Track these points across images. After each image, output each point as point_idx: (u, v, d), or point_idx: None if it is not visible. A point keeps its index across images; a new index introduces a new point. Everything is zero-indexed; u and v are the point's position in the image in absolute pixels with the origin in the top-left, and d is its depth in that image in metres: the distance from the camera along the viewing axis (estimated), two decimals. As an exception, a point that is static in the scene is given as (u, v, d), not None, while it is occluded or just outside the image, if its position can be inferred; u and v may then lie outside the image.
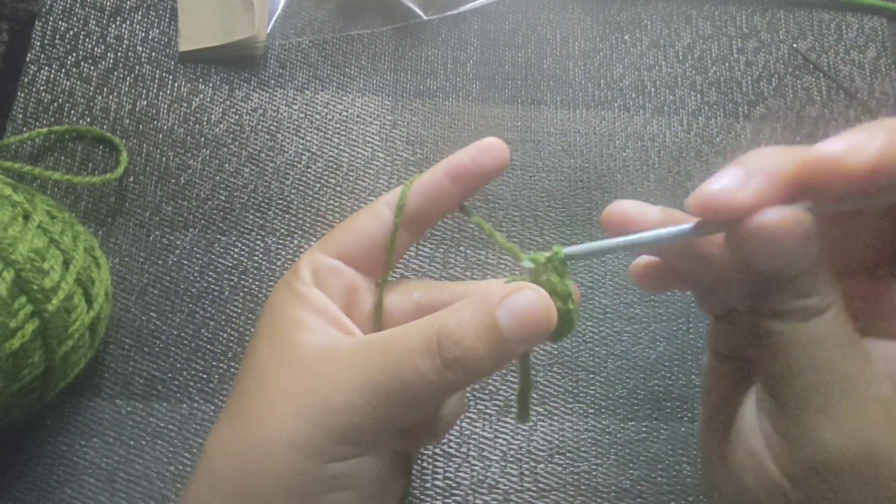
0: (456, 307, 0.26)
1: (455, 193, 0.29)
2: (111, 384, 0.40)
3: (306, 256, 0.30)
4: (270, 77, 0.48)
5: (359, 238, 0.29)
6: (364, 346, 0.26)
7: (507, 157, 0.29)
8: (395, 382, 0.25)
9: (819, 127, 0.49)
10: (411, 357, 0.25)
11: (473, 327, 0.24)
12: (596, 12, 0.52)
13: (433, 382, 0.25)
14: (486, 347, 0.24)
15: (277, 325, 0.28)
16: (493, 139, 0.29)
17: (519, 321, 0.24)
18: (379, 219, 0.29)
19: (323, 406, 0.25)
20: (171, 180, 0.45)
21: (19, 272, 0.32)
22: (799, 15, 0.52)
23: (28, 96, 0.46)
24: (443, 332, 0.25)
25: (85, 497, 0.38)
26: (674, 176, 0.47)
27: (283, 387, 0.26)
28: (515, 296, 0.25)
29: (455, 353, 0.24)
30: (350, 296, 0.29)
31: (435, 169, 0.29)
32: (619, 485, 0.40)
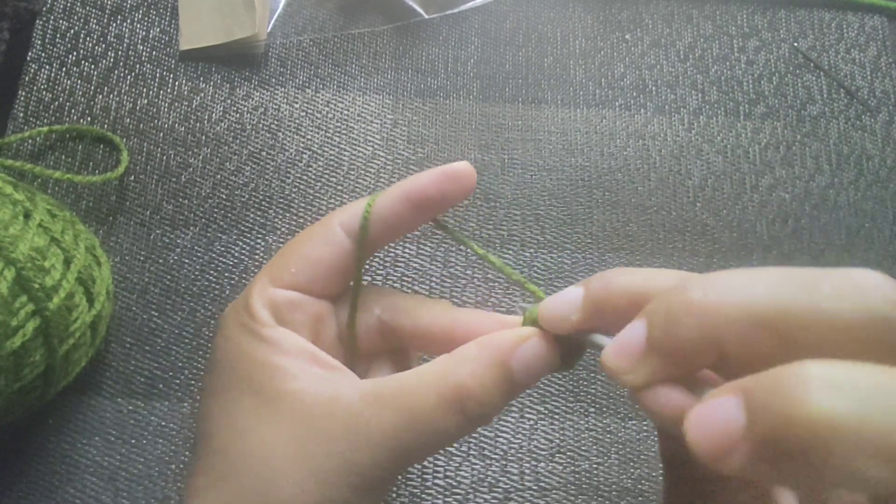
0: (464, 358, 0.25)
1: (414, 219, 0.28)
2: (112, 383, 0.40)
3: (255, 291, 0.27)
4: (271, 76, 0.48)
5: (315, 267, 0.27)
6: (373, 399, 0.25)
7: (472, 184, 0.27)
8: (417, 440, 0.25)
9: (820, 126, 0.49)
10: (433, 417, 0.25)
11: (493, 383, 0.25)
12: (597, 11, 0.52)
13: (454, 436, 0.25)
14: (504, 398, 0.25)
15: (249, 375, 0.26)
16: (461, 165, 0.27)
17: (529, 371, 0.25)
18: (333, 244, 0.27)
19: (346, 467, 0.24)
20: (172, 179, 0.45)
21: (20, 271, 0.32)
22: (800, 14, 0.52)
23: (29, 95, 0.46)
24: (464, 393, 0.25)
25: (87, 496, 0.38)
26: (675, 175, 0.47)
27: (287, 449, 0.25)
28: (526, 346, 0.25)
29: (478, 411, 0.25)
30: (315, 324, 0.28)
31: (393, 193, 0.28)
32: (621, 484, 0.40)
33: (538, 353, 0.25)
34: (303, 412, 0.25)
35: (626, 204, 0.46)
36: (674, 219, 0.46)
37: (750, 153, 0.48)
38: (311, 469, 0.24)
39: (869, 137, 0.49)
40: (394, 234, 0.28)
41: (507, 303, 0.43)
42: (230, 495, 0.25)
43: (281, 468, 0.24)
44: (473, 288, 0.44)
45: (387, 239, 0.28)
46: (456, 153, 0.47)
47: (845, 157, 0.49)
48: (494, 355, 0.25)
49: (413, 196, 0.27)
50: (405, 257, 0.44)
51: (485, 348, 0.25)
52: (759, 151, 0.49)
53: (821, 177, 0.48)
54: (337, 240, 0.28)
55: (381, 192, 0.28)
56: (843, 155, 0.49)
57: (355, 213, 0.28)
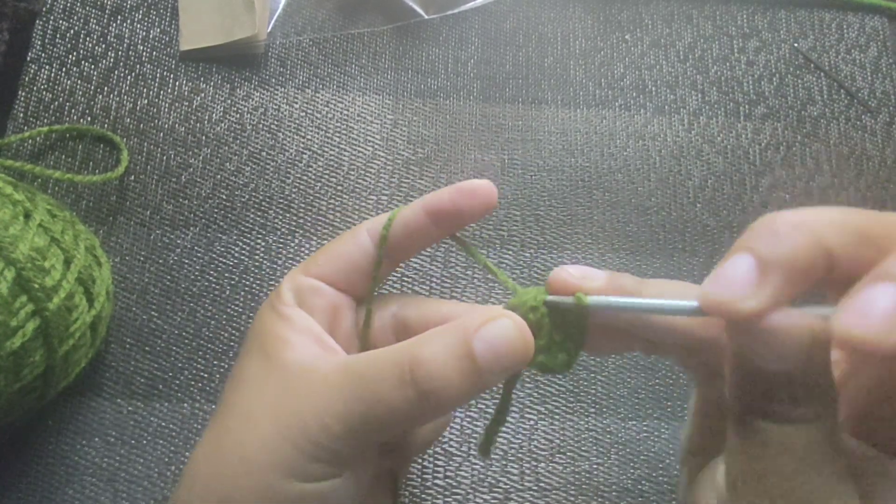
0: (430, 335, 0.25)
1: (434, 232, 0.29)
2: (112, 383, 0.40)
3: (288, 278, 0.30)
4: (271, 76, 0.48)
5: (339, 262, 0.30)
6: (341, 368, 0.26)
7: (492, 201, 0.28)
8: (367, 410, 0.25)
9: (820, 126, 0.49)
10: (383, 386, 0.24)
11: (447, 358, 0.24)
12: (597, 11, 0.52)
13: (405, 412, 0.24)
14: (461, 379, 0.24)
15: (263, 343, 0.28)
16: (481, 182, 0.28)
17: (495, 352, 0.24)
18: (359, 245, 0.30)
19: (298, 426, 0.25)
20: (172, 179, 0.45)
21: (20, 271, 0.32)
22: (800, 14, 0.52)
23: (29, 95, 0.46)
24: (416, 363, 0.24)
25: (86, 497, 0.38)
26: (675, 175, 0.47)
27: (266, 403, 0.27)
28: (491, 325, 0.24)
29: (429, 385, 0.24)
30: (333, 313, 0.30)
31: (416, 205, 0.29)
32: (621, 484, 0.40)
33: (506, 335, 0.24)
34: (287, 375, 0.27)
35: (626, 204, 0.46)
36: (674, 219, 0.46)
37: (750, 154, 0.48)
38: (276, 423, 0.26)
39: (869, 138, 0.49)
40: (416, 245, 0.30)
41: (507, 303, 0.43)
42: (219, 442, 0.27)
43: (256, 419, 0.26)
44: (473, 288, 0.44)
45: (410, 248, 0.30)
46: (456, 153, 0.47)
47: (845, 158, 0.49)
48: (457, 332, 0.25)
49: (431, 210, 0.29)
50: (405, 258, 0.44)
51: (449, 327, 0.25)
52: (760, 152, 0.49)
53: (821, 177, 0.48)
54: (361, 243, 0.30)
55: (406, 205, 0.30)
56: (843, 155, 0.49)
57: (381, 220, 0.30)
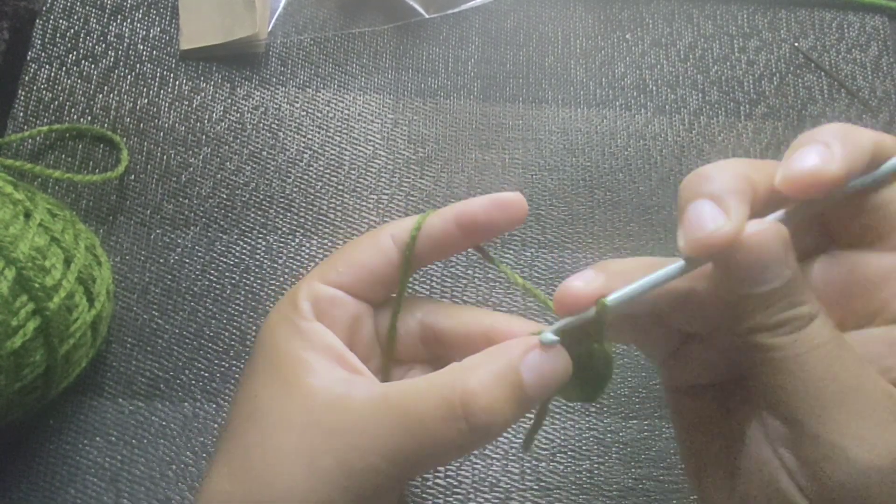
0: (474, 364, 0.25)
1: (463, 243, 0.28)
2: (113, 383, 0.40)
3: (304, 286, 0.28)
4: (272, 75, 0.48)
5: (360, 271, 0.28)
6: (380, 401, 0.25)
7: (524, 214, 0.28)
8: (418, 448, 0.24)
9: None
10: (434, 424, 0.24)
11: (500, 390, 0.24)
12: (597, 11, 0.52)
13: (456, 446, 0.24)
14: (512, 408, 0.24)
15: (279, 364, 0.27)
16: (515, 195, 0.28)
17: (542, 379, 0.24)
18: (382, 252, 0.28)
19: (341, 468, 0.24)
20: (172, 178, 0.45)
21: (20, 270, 0.32)
22: (800, 14, 0.52)
23: (29, 94, 0.46)
24: (469, 398, 0.24)
25: (88, 497, 0.38)
26: (675, 175, 0.47)
27: (293, 440, 0.25)
28: (535, 352, 0.25)
29: (484, 420, 0.24)
30: (353, 325, 0.28)
31: (445, 214, 0.28)
32: (622, 483, 0.40)
33: (550, 360, 0.24)
34: (314, 406, 0.25)
35: (627, 204, 0.46)
36: (675, 219, 0.46)
37: (751, 153, 0.48)
38: (308, 463, 0.24)
39: (870, 137, 0.49)
40: (441, 253, 0.29)
41: (508, 303, 0.43)
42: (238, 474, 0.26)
43: (283, 457, 0.25)
44: (474, 288, 0.44)
45: (433, 256, 0.29)
46: (457, 153, 0.47)
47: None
48: (503, 362, 0.24)
49: (463, 220, 0.28)
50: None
51: (493, 355, 0.25)
52: (760, 151, 0.49)
53: (822, 176, 0.48)
54: (385, 249, 0.28)
55: (434, 211, 0.29)
56: (843, 155, 0.49)
57: (406, 227, 0.28)
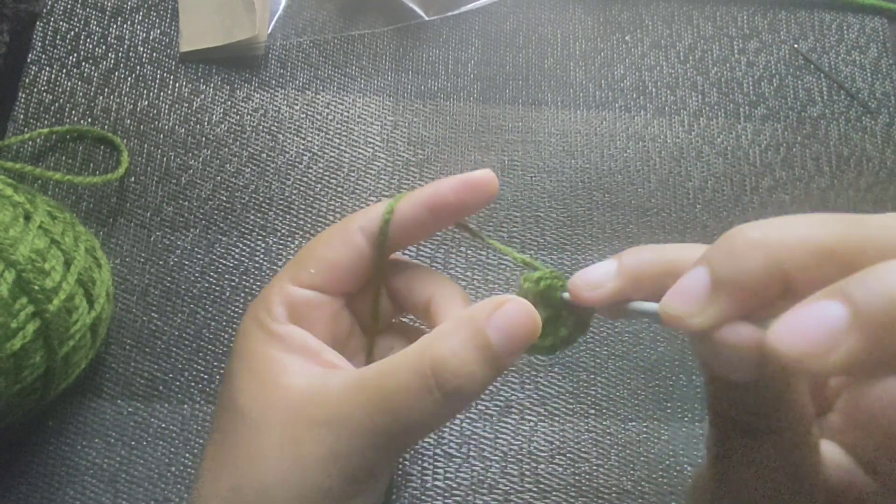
0: (441, 333, 0.25)
1: (434, 225, 0.29)
2: (112, 385, 0.40)
3: (276, 289, 0.28)
4: (271, 77, 0.48)
5: (333, 270, 0.28)
6: (355, 384, 0.25)
7: (494, 191, 0.28)
8: (396, 422, 0.24)
9: (820, 127, 0.49)
10: (408, 396, 0.24)
11: (467, 353, 0.24)
12: (597, 13, 0.52)
13: (432, 415, 0.24)
14: (483, 369, 0.24)
15: (255, 367, 0.27)
16: (483, 172, 0.28)
17: (509, 336, 0.24)
18: (352, 248, 0.28)
19: (325, 454, 0.25)
20: (172, 181, 0.45)
21: (20, 273, 0.32)
22: (800, 15, 0.52)
23: (29, 97, 0.46)
24: (438, 364, 0.24)
25: (87, 498, 0.38)
26: (675, 177, 0.47)
27: (276, 434, 0.26)
28: (500, 311, 0.25)
29: (455, 384, 0.24)
30: (331, 321, 0.29)
31: (414, 199, 0.28)
32: (621, 486, 0.40)
33: (516, 318, 0.24)
34: (292, 402, 0.26)
35: (626, 205, 0.46)
36: (674, 220, 0.46)
37: (750, 155, 0.48)
38: (296, 456, 0.25)
39: (869, 139, 0.49)
40: (413, 238, 0.29)
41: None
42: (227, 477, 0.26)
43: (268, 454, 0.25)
44: (473, 289, 0.44)
45: (406, 242, 0.29)
46: (456, 155, 0.47)
47: (845, 159, 0.49)
48: (470, 325, 0.25)
49: (432, 203, 0.28)
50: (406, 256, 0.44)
51: (460, 320, 0.25)
52: (760, 153, 0.49)
53: (821, 178, 0.48)
54: (355, 243, 0.28)
55: (402, 196, 0.29)
56: (843, 157, 0.49)
57: (374, 216, 0.28)
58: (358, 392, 0.25)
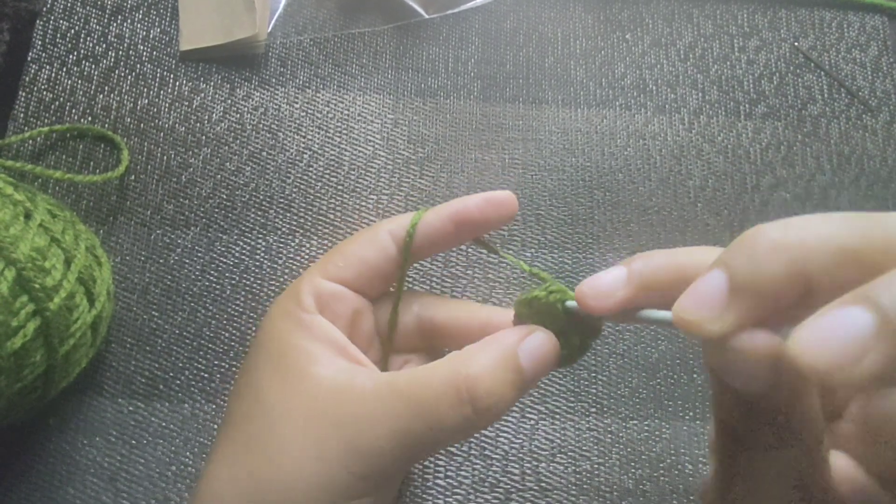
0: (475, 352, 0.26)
1: (457, 238, 0.30)
2: (113, 383, 0.40)
3: (306, 281, 0.29)
4: (271, 76, 0.48)
5: (360, 266, 0.29)
6: (386, 389, 0.26)
7: (514, 210, 0.30)
8: (425, 431, 0.25)
9: (821, 125, 0.49)
10: (441, 408, 0.25)
11: (501, 374, 0.25)
12: (597, 11, 0.52)
13: (462, 429, 0.25)
14: (513, 391, 0.26)
15: (283, 355, 0.28)
16: (506, 194, 0.30)
17: (536, 362, 0.26)
18: (379, 248, 0.30)
19: (348, 449, 0.25)
20: (173, 179, 0.45)
21: (21, 271, 0.32)
22: (800, 13, 0.52)
23: (29, 95, 0.46)
24: (472, 383, 0.25)
25: (87, 496, 0.38)
26: (675, 175, 0.47)
27: (300, 426, 0.26)
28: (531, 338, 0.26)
29: (487, 402, 0.25)
30: (353, 318, 0.30)
31: (441, 212, 0.30)
32: (622, 484, 0.40)
33: (543, 344, 0.26)
34: (318, 395, 0.26)
35: (626, 204, 0.46)
36: (675, 219, 0.46)
37: (751, 153, 0.48)
38: (316, 449, 0.25)
39: (870, 137, 0.49)
40: (436, 248, 0.30)
41: (508, 302, 0.43)
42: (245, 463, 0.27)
43: (289, 444, 0.26)
44: (474, 288, 0.44)
45: (429, 251, 0.30)
46: (456, 153, 0.47)
47: (846, 157, 0.49)
48: (502, 348, 0.26)
49: (459, 218, 0.29)
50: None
51: (491, 343, 0.26)
52: (760, 151, 0.48)
53: (822, 176, 0.48)
54: (383, 245, 0.30)
55: (430, 208, 0.30)
56: (843, 155, 0.49)
57: (403, 223, 0.30)
58: (388, 395, 0.26)
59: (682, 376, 0.42)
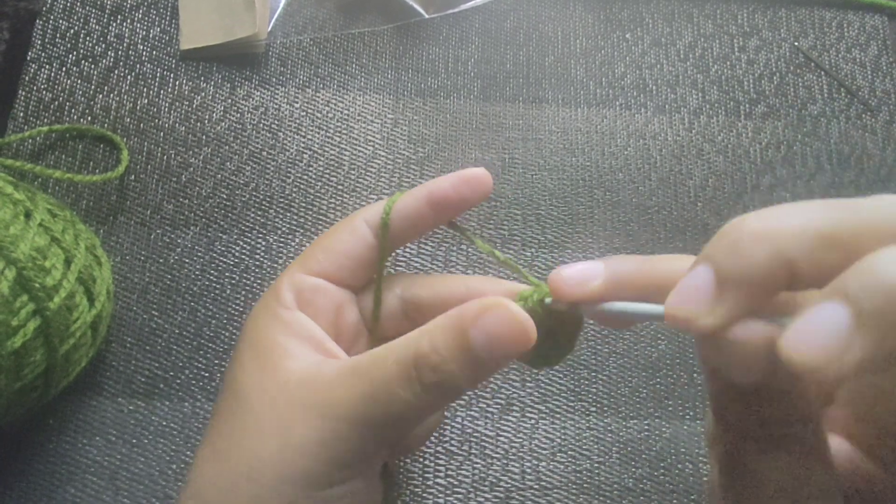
0: (429, 327, 0.25)
1: (434, 219, 0.30)
2: (113, 383, 0.40)
3: (286, 277, 0.29)
4: (272, 75, 0.48)
5: (339, 257, 0.29)
6: (346, 371, 0.26)
7: (489, 188, 0.29)
8: (379, 411, 0.25)
9: (821, 125, 0.49)
10: (391, 385, 0.24)
11: (448, 350, 0.24)
12: (597, 10, 0.52)
13: (414, 407, 0.25)
14: (462, 369, 0.24)
15: (259, 350, 0.28)
16: (478, 170, 0.29)
17: (492, 341, 0.24)
18: (357, 237, 0.29)
19: (311, 437, 0.25)
20: (173, 179, 0.45)
21: (21, 270, 0.32)
22: (800, 13, 0.52)
23: (29, 95, 0.46)
24: (419, 358, 0.24)
25: (88, 496, 0.38)
26: (675, 175, 0.47)
27: (269, 416, 0.26)
28: (489, 314, 0.24)
29: (432, 378, 0.24)
30: (336, 311, 0.29)
31: (416, 194, 0.29)
32: (622, 483, 0.40)
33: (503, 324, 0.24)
34: (291, 387, 0.26)
35: (626, 203, 0.46)
36: (675, 218, 0.46)
37: (751, 153, 0.48)
38: (283, 436, 0.25)
39: (870, 137, 0.49)
40: (414, 232, 0.30)
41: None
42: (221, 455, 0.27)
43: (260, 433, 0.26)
44: (474, 287, 0.44)
45: (408, 235, 0.30)
46: (457, 153, 0.47)
47: (846, 157, 0.49)
48: (455, 323, 0.24)
49: (434, 198, 0.29)
50: (406, 257, 0.44)
51: (449, 317, 0.25)
52: (760, 151, 0.49)
53: (822, 176, 0.48)
54: (360, 234, 0.29)
55: (405, 192, 0.30)
56: (843, 154, 0.49)
57: (379, 210, 0.29)
58: (348, 378, 0.25)
59: (682, 375, 0.42)
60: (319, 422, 0.25)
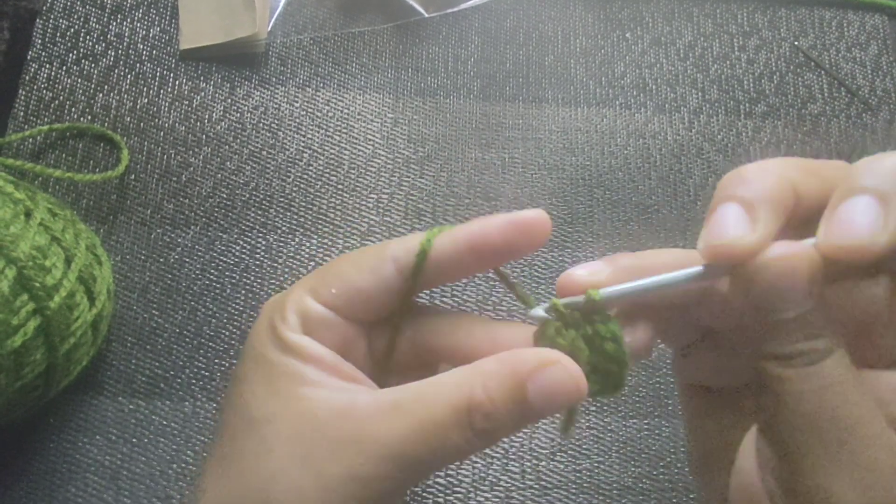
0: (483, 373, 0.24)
1: (475, 268, 0.26)
2: (114, 382, 0.40)
3: (295, 297, 0.27)
4: (271, 75, 0.48)
5: (357, 295, 0.26)
6: (387, 406, 0.24)
7: (545, 235, 0.26)
8: (426, 451, 0.24)
9: (821, 124, 0.49)
10: (443, 429, 0.24)
11: (504, 401, 0.24)
12: (597, 10, 0.52)
13: (464, 451, 0.24)
14: (513, 419, 0.24)
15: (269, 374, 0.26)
16: (535, 214, 0.25)
17: (548, 397, 0.24)
18: (381, 277, 0.26)
19: (350, 475, 0.24)
20: (173, 178, 0.45)
21: (21, 270, 0.32)
22: (800, 13, 0.52)
23: (29, 94, 0.46)
24: (473, 405, 0.24)
25: (89, 495, 0.38)
26: (675, 174, 0.47)
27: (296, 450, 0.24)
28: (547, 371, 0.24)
29: (486, 427, 0.24)
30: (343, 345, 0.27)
31: (457, 237, 0.26)
32: (622, 482, 0.40)
33: (560, 381, 0.23)
34: (314, 416, 0.25)
35: (626, 203, 0.46)
36: (675, 217, 0.46)
37: (751, 152, 0.48)
38: (314, 473, 0.24)
39: (870, 136, 0.49)
40: (448, 278, 0.27)
41: (507, 303, 0.43)
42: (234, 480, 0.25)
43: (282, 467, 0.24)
44: (474, 287, 0.44)
45: (440, 280, 0.27)
46: (456, 152, 0.47)
47: (846, 156, 0.49)
48: (512, 375, 0.24)
49: (477, 246, 0.26)
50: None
51: (504, 364, 0.24)
52: (760, 150, 0.49)
53: (821, 175, 0.48)
54: (385, 273, 0.26)
55: (442, 231, 0.26)
56: (843, 154, 0.49)
57: (411, 248, 0.26)
58: (392, 415, 0.24)
59: (681, 375, 0.43)
60: (358, 460, 0.24)
